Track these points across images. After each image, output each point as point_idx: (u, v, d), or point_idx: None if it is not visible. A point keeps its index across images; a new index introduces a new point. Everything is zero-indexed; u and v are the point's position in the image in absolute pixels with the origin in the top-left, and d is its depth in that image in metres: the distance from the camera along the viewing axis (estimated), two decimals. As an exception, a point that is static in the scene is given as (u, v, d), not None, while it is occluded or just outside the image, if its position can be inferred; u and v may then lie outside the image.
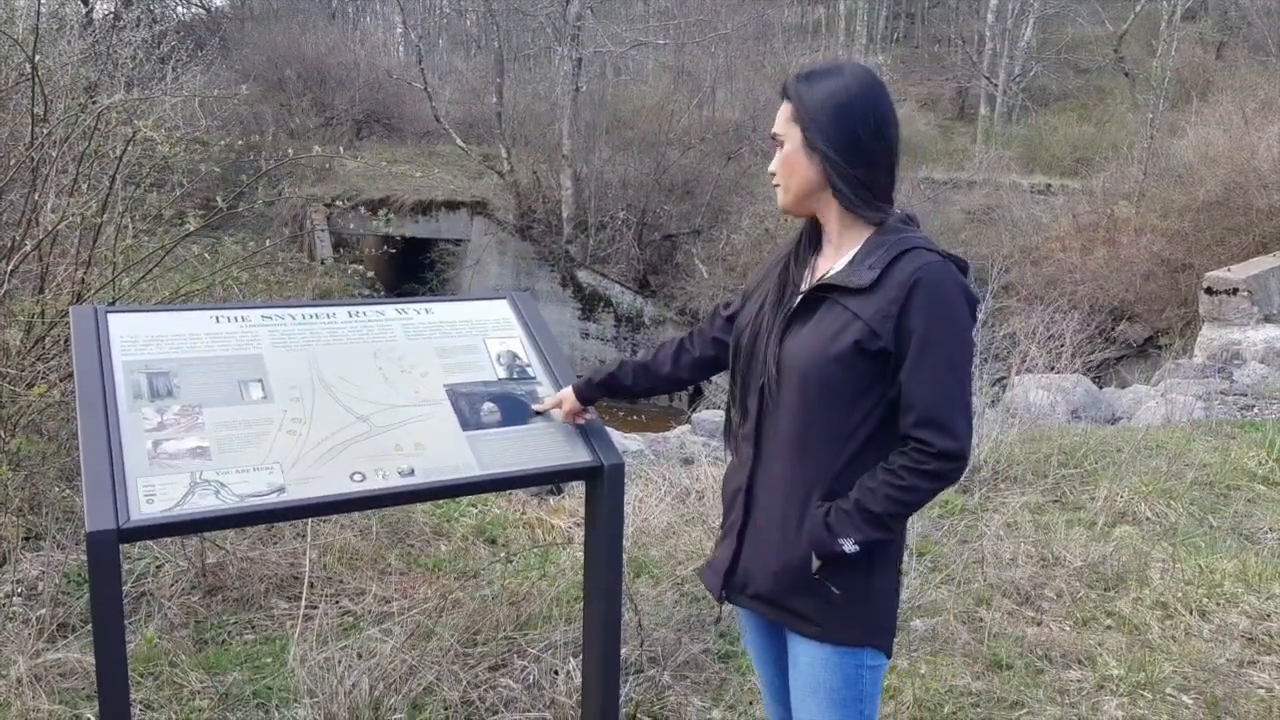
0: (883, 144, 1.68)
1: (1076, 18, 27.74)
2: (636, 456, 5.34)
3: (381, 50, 27.40)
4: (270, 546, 3.14)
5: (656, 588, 3.28)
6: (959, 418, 1.59)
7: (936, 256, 1.61)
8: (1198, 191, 14.99)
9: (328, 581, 3.07)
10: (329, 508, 1.95)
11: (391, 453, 1.98)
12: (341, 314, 2.27)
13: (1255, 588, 3.60)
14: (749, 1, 25.60)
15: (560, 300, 18.93)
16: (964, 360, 1.62)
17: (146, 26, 9.35)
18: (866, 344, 1.59)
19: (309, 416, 1.99)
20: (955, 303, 1.60)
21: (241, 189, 4.46)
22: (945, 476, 1.61)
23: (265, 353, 2.09)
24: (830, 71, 1.72)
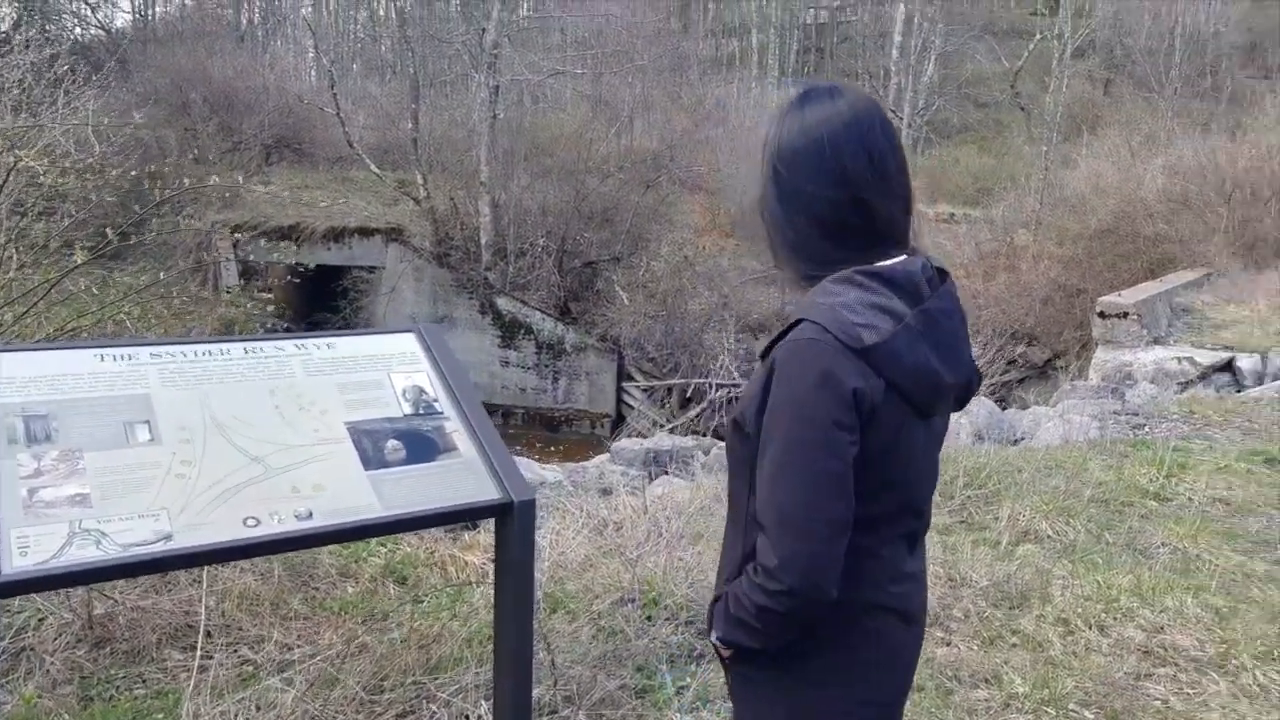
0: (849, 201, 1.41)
1: (975, 55, 28.94)
2: (554, 488, 5.29)
3: (292, 75, 26.90)
4: (163, 594, 2.99)
5: (573, 623, 3.22)
6: (781, 528, 1.32)
7: (815, 331, 1.34)
8: (1090, 220, 15.76)
9: (226, 629, 2.93)
10: (220, 555, 1.86)
11: (288, 495, 1.90)
12: (237, 350, 2.18)
13: (1149, 601, 3.72)
14: (665, 34, 25.98)
15: (479, 328, 18.74)
16: (798, 460, 1.33)
17: (38, 48, 8.96)
18: (740, 423, 1.43)
19: (199, 459, 1.90)
20: (799, 389, 1.33)
21: (135, 219, 4.27)
22: (770, 596, 1.34)
23: (153, 392, 1.99)
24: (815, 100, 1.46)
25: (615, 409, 18.28)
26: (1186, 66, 25.44)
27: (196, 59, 22.94)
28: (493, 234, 18.91)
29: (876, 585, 1.44)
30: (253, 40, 31.15)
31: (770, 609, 1.35)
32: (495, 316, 18.73)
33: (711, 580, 3.60)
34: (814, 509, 1.32)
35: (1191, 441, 6.10)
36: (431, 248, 19.09)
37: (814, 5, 35.10)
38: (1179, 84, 24.71)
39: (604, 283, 19.09)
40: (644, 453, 6.56)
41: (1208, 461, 5.56)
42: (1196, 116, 22.46)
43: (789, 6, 33.11)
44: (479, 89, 19.18)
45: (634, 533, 4.03)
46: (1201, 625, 3.55)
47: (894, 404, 1.36)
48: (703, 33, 32.92)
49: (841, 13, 35.38)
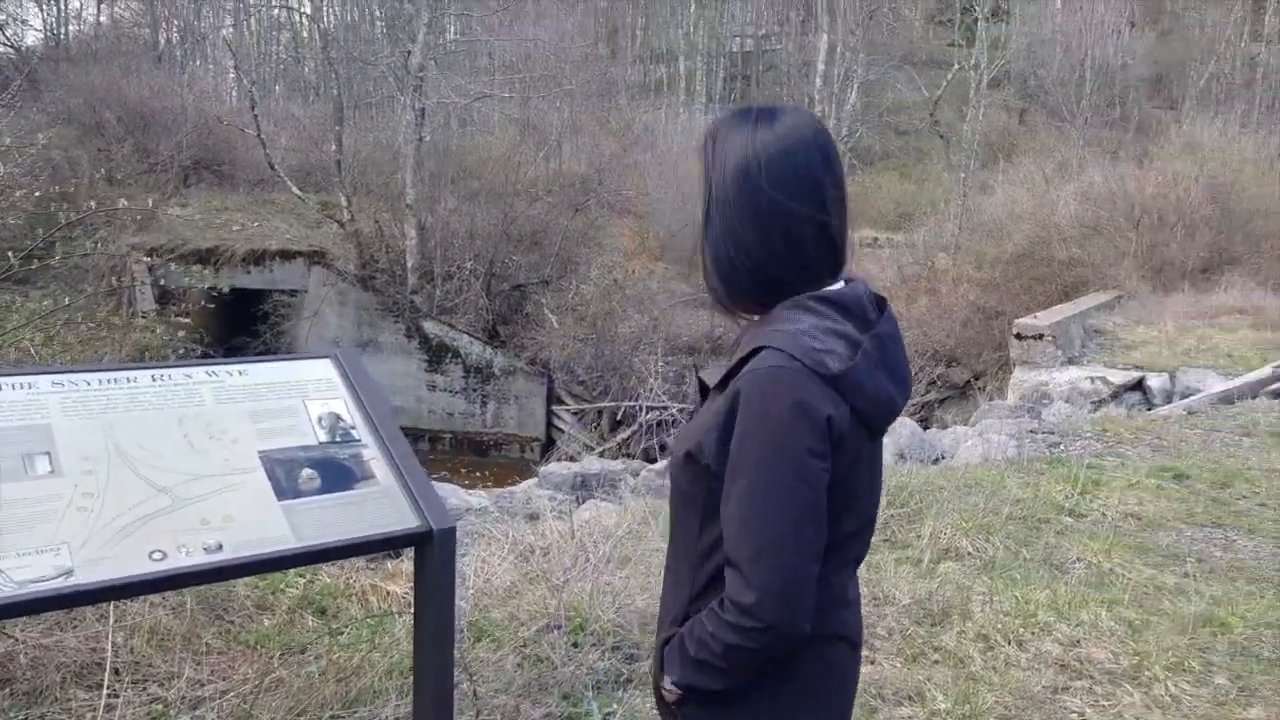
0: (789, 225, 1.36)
1: (896, 84, 29.79)
2: (480, 514, 5.23)
3: (212, 95, 26.36)
4: (68, 631, 2.87)
5: (498, 652, 3.18)
6: (756, 564, 1.27)
7: (777, 358, 1.30)
8: (1007, 245, 16.28)
9: (135, 666, 2.82)
10: (124, 591, 1.79)
11: (197, 527, 1.84)
12: (144, 378, 2.11)
13: (1066, 616, 3.81)
14: (593, 59, 26.16)
15: (406, 352, 18.49)
16: (772, 492, 1.28)
17: (-60, 66, 8.61)
18: (697, 456, 1.36)
19: (103, 491, 1.83)
20: (770, 419, 1.28)
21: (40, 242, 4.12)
22: (744, 634, 1.29)
23: (55, 422, 1.92)
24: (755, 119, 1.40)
25: (545, 433, 18.18)
26: (1096, 97, 26.47)
27: (111, 78, 22.33)
28: (419, 257, 18.73)
29: (829, 614, 1.40)
30: (171, 60, 30.44)
31: (742, 647, 1.30)
32: (422, 340, 18.52)
33: (640, 604, 3.60)
34: (791, 541, 1.28)
35: (1104, 459, 6.28)
36: (356, 271, 18.81)
37: (740, 34, 35.75)
38: (1089, 114, 25.70)
39: (533, 306, 19.03)
40: (572, 476, 6.54)
41: (1120, 478, 5.72)
42: (1106, 145, 23.41)
43: (715, 34, 33.66)
44: (404, 111, 19.03)
45: (561, 558, 4.00)
46: (1115, 638, 3.64)
47: (855, 429, 1.34)
48: (631, 58, 33.25)
49: (767, 41, 36.10)
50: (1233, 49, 29.64)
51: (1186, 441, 6.76)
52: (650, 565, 3.96)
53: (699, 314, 17.73)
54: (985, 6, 23.10)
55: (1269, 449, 6.52)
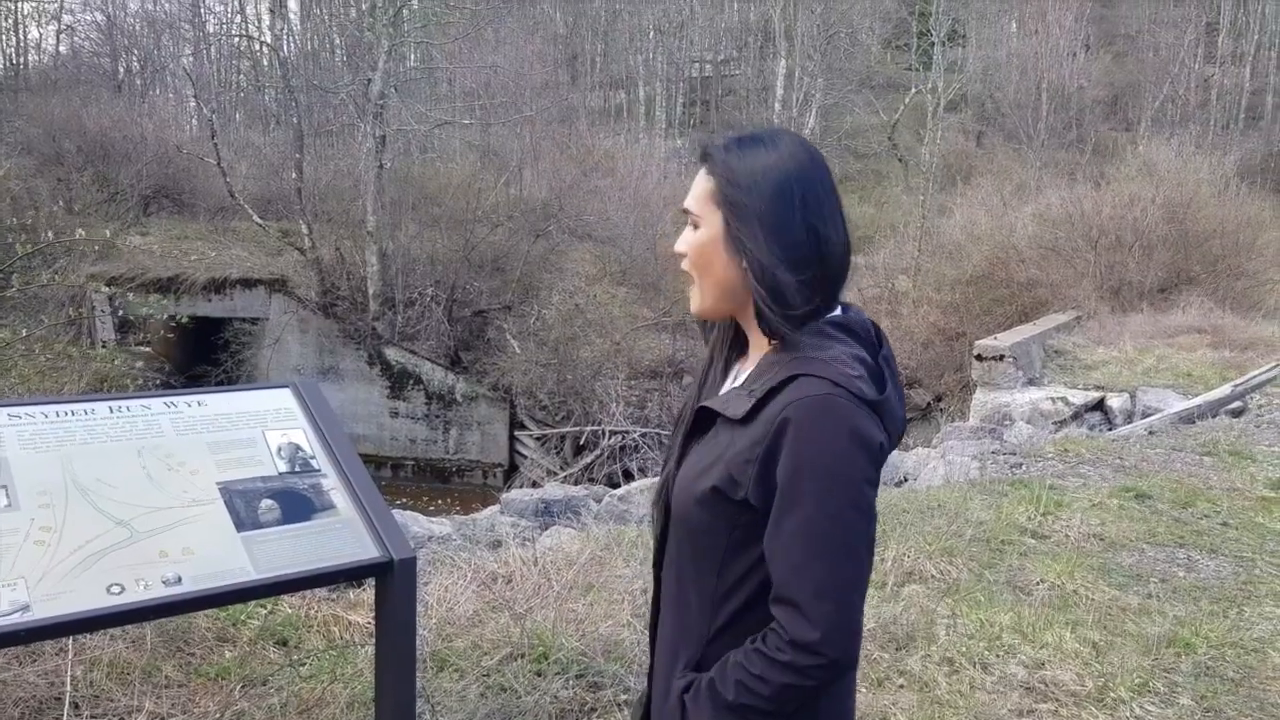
0: (818, 243, 1.35)
1: (854, 107, 30.24)
2: (443, 542, 5.21)
3: (172, 124, 26.20)
4: (26, 665, 2.83)
5: (460, 681, 3.18)
6: (820, 601, 1.23)
7: (824, 386, 1.25)
8: (966, 266, 16.46)
9: (94, 700, 2.79)
10: (83, 625, 1.79)
11: (155, 560, 1.84)
12: (102, 409, 2.11)
13: (1030, 638, 3.80)
14: (553, 86, 26.32)
15: (368, 379, 18.39)
16: (835, 526, 1.24)
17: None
18: (727, 491, 1.29)
19: (60, 525, 1.83)
20: (829, 451, 1.24)
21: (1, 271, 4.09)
22: (801, 672, 1.24)
23: (10, 455, 1.92)
24: (766, 142, 1.38)
25: (508, 458, 18.13)
26: (1053, 119, 26.86)
27: (71, 108, 22.19)
28: (380, 284, 18.67)
29: None
30: (130, 89, 30.21)
31: (797, 685, 1.25)
32: (384, 367, 18.43)
33: (603, 631, 3.61)
34: (852, 575, 1.26)
35: (1067, 479, 6.27)
36: (317, 298, 18.72)
37: (698, 59, 36.17)
38: (1046, 136, 26.07)
39: (495, 331, 19.02)
40: (535, 503, 6.53)
41: (1082, 498, 5.71)
42: (1063, 167, 23.71)
43: (674, 60, 34.04)
44: (365, 139, 19.02)
45: (524, 586, 4.00)
46: (1080, 660, 3.64)
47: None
48: (590, 84, 33.49)
49: (725, 66, 36.55)
50: (1187, 71, 30.14)
51: (1148, 461, 6.75)
52: (613, 592, 3.96)
53: (660, 338, 17.81)
54: (942, 31, 23.60)
55: (1230, 468, 6.53)
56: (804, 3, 28.81)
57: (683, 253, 1.42)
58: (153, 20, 33.63)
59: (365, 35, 19.49)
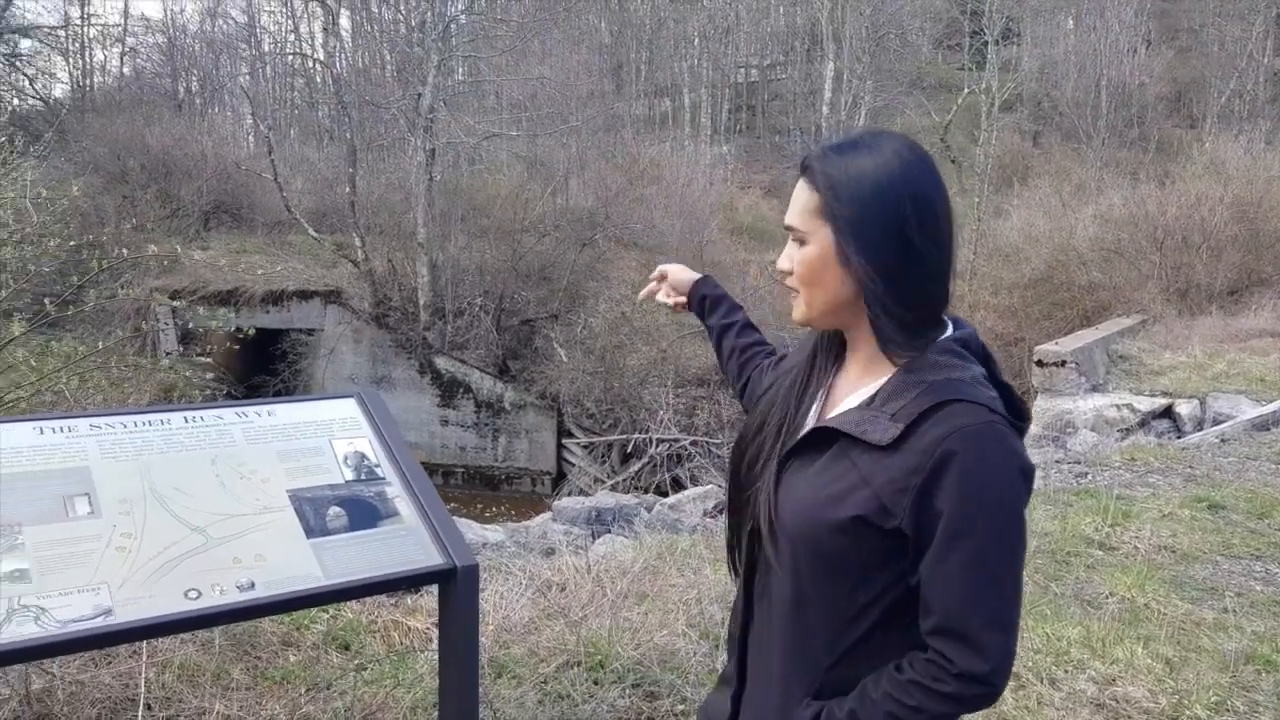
0: (937, 250, 1.29)
1: (905, 109, 29.88)
2: (497, 549, 5.27)
3: (230, 141, 26.90)
4: (103, 667, 2.93)
5: (518, 688, 3.21)
6: (992, 631, 1.21)
7: (982, 414, 1.21)
8: (1024, 269, 16.08)
9: (166, 702, 2.87)
10: (162, 629, 1.85)
11: (230, 566, 1.91)
12: (177, 419, 2.19)
13: (1100, 653, 3.69)
14: (598, 95, 26.47)
15: (419, 388, 18.64)
16: (1005, 557, 1.23)
17: (-23, 121, 8.92)
18: (875, 520, 1.24)
19: (140, 531, 1.90)
20: (1000, 482, 1.21)
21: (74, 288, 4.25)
22: (966, 702, 1.24)
23: (93, 465, 2.00)
24: (868, 147, 1.31)
25: (556, 466, 18.24)
26: (1113, 117, 26.13)
27: (134, 127, 22.88)
28: (431, 294, 18.94)
29: None
30: (190, 108, 31.06)
31: (952, 715, 1.25)
32: (434, 376, 18.67)
33: (659, 641, 3.62)
34: (1017, 605, 1.25)
35: (1134, 489, 6.09)
36: (370, 309, 19.03)
37: (744, 65, 36.11)
38: (1106, 134, 25.37)
39: (542, 340, 19.16)
40: (586, 511, 6.57)
41: (1152, 509, 5.54)
42: (1125, 166, 22.92)
43: (719, 66, 34.01)
44: (415, 152, 19.32)
45: (578, 594, 4.01)
46: (1153, 676, 3.54)
47: None
48: (635, 93, 33.61)
49: (771, 71, 36.44)
50: (1255, 64, 28.96)
51: (1221, 470, 6.51)
52: (668, 602, 3.96)
53: (708, 346, 17.71)
54: (995, 29, 23.17)
55: (1309, 477, 6.25)
56: (852, 4, 28.59)
57: (787, 270, 1.36)
58: (211, 41, 34.56)
59: (415, 51, 19.80)
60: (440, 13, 20.66)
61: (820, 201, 1.30)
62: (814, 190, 1.31)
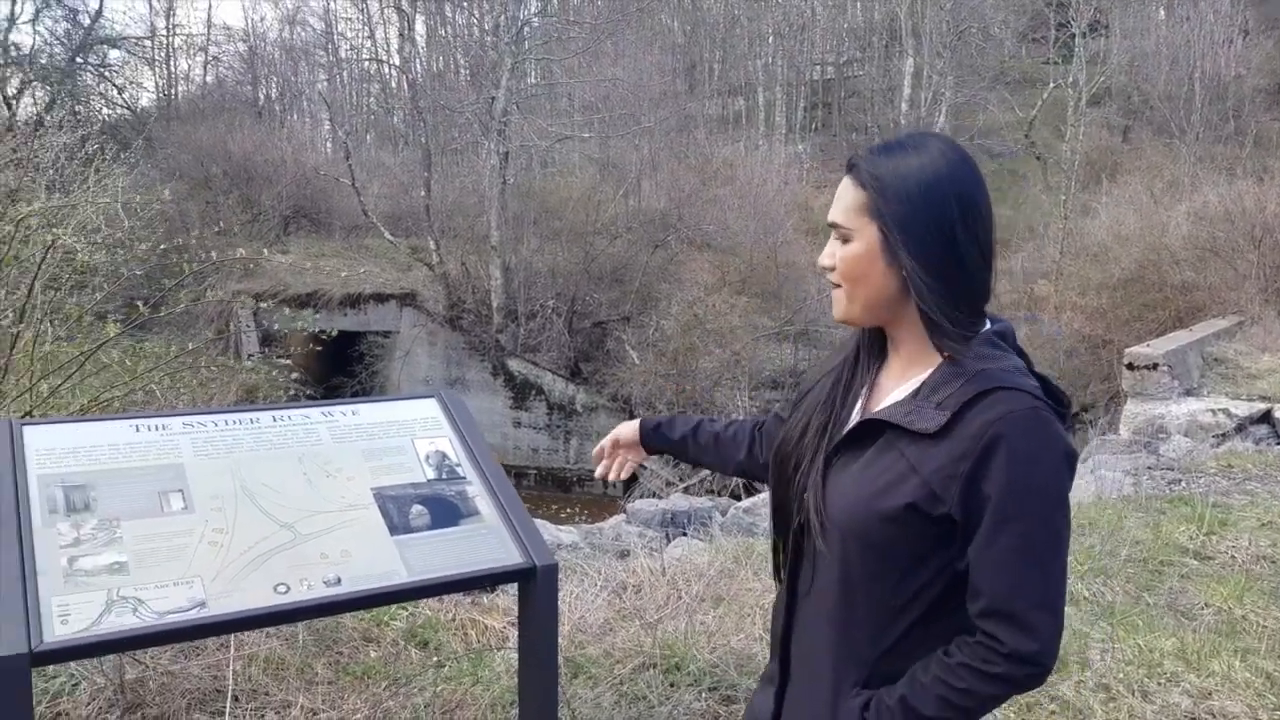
0: (980, 247, 1.33)
1: (987, 105, 29.17)
2: (571, 550, 5.29)
3: (309, 147, 27.60)
4: (192, 659, 3.02)
5: (595, 689, 3.21)
6: (1040, 611, 1.25)
7: (1027, 400, 1.25)
8: (1113, 269, 15.61)
9: (252, 694, 2.95)
10: (252, 622, 1.89)
11: (317, 561, 1.94)
12: (265, 419, 2.24)
13: (1195, 666, 3.58)
14: (671, 95, 26.47)
15: (492, 390, 18.87)
16: (1053, 539, 1.26)
17: (70, 129, 9.34)
18: (925, 507, 1.27)
19: (231, 526, 1.94)
20: (1046, 466, 1.24)
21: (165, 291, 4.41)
22: (1016, 682, 1.27)
23: (186, 462, 2.05)
24: (911, 147, 1.35)
25: (629, 468, 18.26)
26: (1208, 111, 25.03)
27: (217, 134, 23.65)
28: (504, 297, 19.16)
29: None
30: (270, 115, 31.97)
31: (1002, 696, 1.29)
32: (507, 378, 18.88)
33: (735, 644, 3.59)
34: (1064, 588, 1.29)
35: (1231, 496, 5.91)
36: (444, 312, 19.34)
37: (820, 62, 35.73)
38: (1200, 129, 24.29)
39: (614, 342, 19.23)
40: (660, 513, 6.56)
41: (1250, 518, 5.36)
42: (1220, 161, 22.06)
43: (795, 64, 33.72)
44: (489, 155, 19.58)
45: (653, 595, 4.01)
46: (1252, 690, 3.41)
47: None
48: (709, 92, 33.50)
49: (848, 68, 35.97)
50: (1360, 54, 27.80)
51: None
52: (744, 605, 3.93)
53: (782, 348, 17.63)
54: (1083, 21, 22.46)
55: None
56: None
57: (829, 266, 1.39)
58: (290, 48, 35.56)
59: (489, 54, 20.07)
60: (514, 16, 20.91)
61: (867, 199, 1.33)
62: (861, 189, 1.34)
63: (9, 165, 6.12)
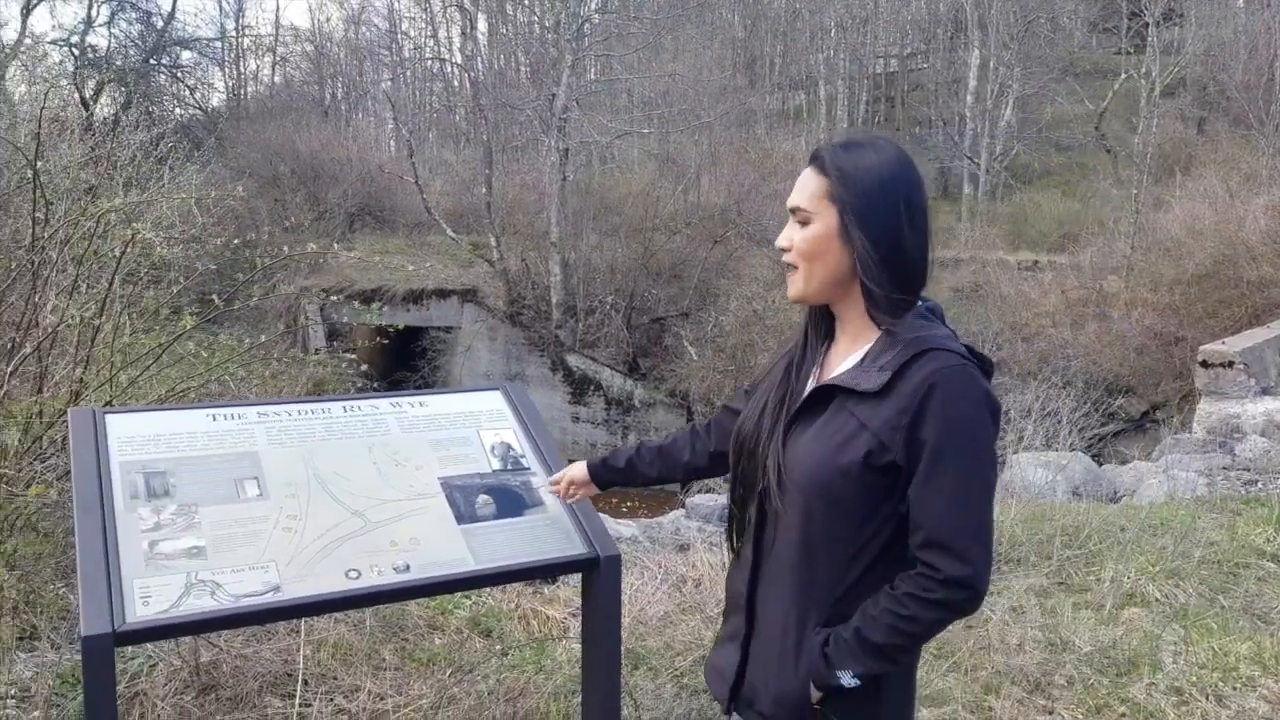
0: (921, 236, 1.52)
1: (1056, 97, 28.46)
2: (631, 543, 5.30)
3: (373, 145, 28.06)
4: (264, 643, 3.10)
5: (655, 680, 3.22)
6: (973, 542, 1.42)
7: (956, 359, 1.44)
8: (1187, 264, 15.14)
9: (321, 678, 3.01)
10: (324, 606, 1.94)
11: (386, 548, 1.98)
12: (337, 409, 2.29)
13: (1272, 670, 3.49)
14: (731, 90, 26.34)
15: (550, 385, 18.99)
16: (981, 476, 1.44)
17: (145, 128, 9.65)
18: (875, 458, 1.44)
19: (304, 513, 1.99)
20: (974, 412, 1.43)
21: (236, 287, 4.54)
22: (954, 606, 1.44)
23: (261, 450, 2.11)
24: (869, 146, 1.54)
25: (687, 464, 18.24)
26: (1289, 101, 24.35)
27: (285, 134, 24.17)
28: (563, 292, 19.26)
29: None
30: (336, 114, 32.59)
31: (946, 620, 1.46)
32: (566, 373, 18.98)
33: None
34: (991, 518, 1.47)
35: None
36: (504, 307, 19.51)
37: (883, 55, 35.23)
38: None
39: (672, 338, 19.20)
40: (719, 508, 6.53)
41: None
42: (1302, 153, 21.52)
43: (857, 57, 33.30)
44: (549, 152, 19.69)
45: (713, 589, 4.01)
46: None
47: None
48: (769, 87, 33.25)
49: (912, 60, 35.41)
50: None
51: None
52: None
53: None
54: (1156, 9, 21.79)
55: None
56: (998, -11, 27.48)
57: (786, 247, 1.57)
58: (355, 48, 36.19)
59: (549, 51, 20.19)
60: (574, 13, 20.99)
61: (829, 187, 1.51)
62: (824, 177, 1.52)
63: (88, 163, 6.35)
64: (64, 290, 3.87)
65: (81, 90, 24.46)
